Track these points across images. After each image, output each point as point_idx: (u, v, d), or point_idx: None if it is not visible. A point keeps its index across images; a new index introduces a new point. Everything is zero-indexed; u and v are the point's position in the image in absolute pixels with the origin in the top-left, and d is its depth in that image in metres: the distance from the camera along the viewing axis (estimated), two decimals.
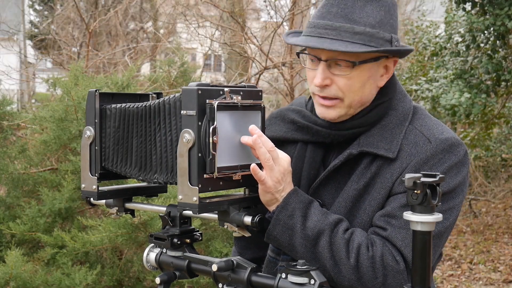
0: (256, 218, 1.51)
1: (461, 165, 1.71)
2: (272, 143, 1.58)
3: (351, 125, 1.75)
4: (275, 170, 1.58)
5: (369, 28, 1.67)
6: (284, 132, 1.82)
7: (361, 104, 1.74)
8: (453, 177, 1.69)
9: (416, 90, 8.36)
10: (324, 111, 1.74)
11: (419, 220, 1.29)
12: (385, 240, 1.64)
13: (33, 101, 10.43)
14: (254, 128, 1.55)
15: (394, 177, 1.69)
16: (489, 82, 7.50)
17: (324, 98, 1.72)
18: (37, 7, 19.05)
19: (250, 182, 1.60)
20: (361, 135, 1.75)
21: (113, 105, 1.69)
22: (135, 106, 1.64)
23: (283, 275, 1.45)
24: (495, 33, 6.94)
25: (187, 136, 1.46)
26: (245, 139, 1.55)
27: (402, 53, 1.78)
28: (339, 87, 1.70)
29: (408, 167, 1.68)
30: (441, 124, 1.78)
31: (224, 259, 1.53)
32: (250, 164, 1.56)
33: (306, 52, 1.74)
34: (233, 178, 1.55)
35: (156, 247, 1.69)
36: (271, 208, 1.65)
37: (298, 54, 1.77)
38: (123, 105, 1.67)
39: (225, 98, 1.50)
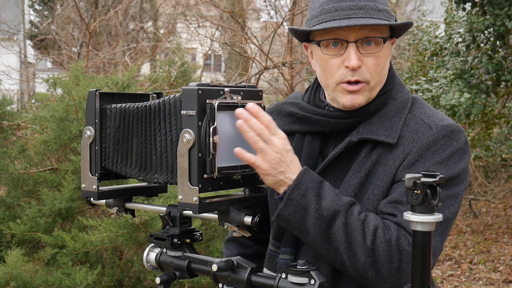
0: (256, 218, 1.51)
1: (463, 152, 1.71)
2: (265, 123, 1.53)
3: (351, 114, 1.75)
4: (269, 152, 1.53)
5: (385, 6, 1.73)
6: (281, 126, 1.78)
7: (381, 85, 1.76)
8: (456, 163, 1.69)
9: (416, 90, 8.35)
10: (353, 98, 1.72)
11: (419, 220, 1.29)
12: (397, 225, 1.62)
13: (33, 101, 10.43)
14: (241, 113, 1.50)
15: (397, 164, 1.68)
16: (489, 82, 7.50)
17: (354, 83, 1.71)
18: (37, 7, 19.06)
19: (250, 182, 1.60)
20: (360, 124, 1.75)
21: (113, 105, 1.69)
22: (135, 106, 1.64)
23: (283, 275, 1.45)
24: (495, 33, 6.94)
25: (187, 136, 1.46)
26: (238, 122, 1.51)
27: (404, 31, 1.81)
28: (368, 67, 1.71)
29: (411, 153, 1.68)
30: (440, 113, 1.79)
31: (224, 259, 1.53)
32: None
33: (327, 39, 1.71)
34: (233, 178, 1.55)
35: (156, 247, 1.69)
36: (280, 189, 1.60)
37: (318, 43, 1.74)
38: (123, 105, 1.67)
39: (225, 98, 1.50)
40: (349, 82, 1.72)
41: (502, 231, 8.14)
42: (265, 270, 1.84)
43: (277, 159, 1.55)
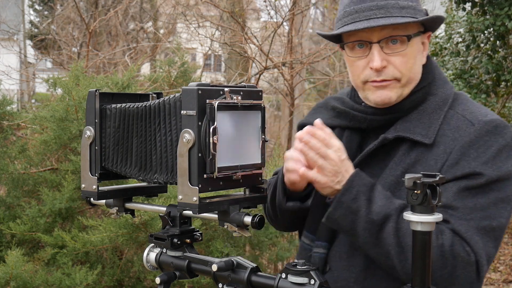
0: (256, 218, 1.51)
1: (510, 149, 1.63)
2: (322, 140, 1.58)
3: (387, 110, 1.72)
4: (326, 167, 1.58)
5: (410, 2, 1.68)
6: (325, 120, 1.79)
7: (414, 81, 1.71)
8: (503, 161, 1.61)
9: None
10: (382, 93, 1.70)
11: (419, 220, 1.29)
12: (452, 231, 1.57)
13: (33, 101, 10.43)
14: (301, 136, 1.57)
15: (439, 164, 1.63)
16: (489, 82, 7.50)
17: (381, 81, 1.69)
18: (37, 7, 19.06)
19: (250, 182, 1.60)
20: (398, 121, 1.71)
21: (113, 105, 1.69)
22: (135, 106, 1.64)
23: (283, 275, 1.45)
24: (495, 33, 6.94)
25: (187, 136, 1.46)
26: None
27: (437, 24, 1.75)
28: (396, 66, 1.67)
29: (453, 152, 1.62)
30: (485, 108, 1.72)
31: (224, 259, 1.53)
32: (250, 164, 1.56)
33: (352, 41, 1.70)
34: (233, 178, 1.55)
35: (156, 247, 1.69)
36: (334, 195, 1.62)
37: (342, 46, 1.74)
38: (123, 105, 1.67)
39: (225, 98, 1.50)
40: (375, 82, 1.70)
41: None
42: None
43: (333, 171, 1.59)
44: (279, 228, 1.99)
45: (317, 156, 1.57)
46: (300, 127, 1.89)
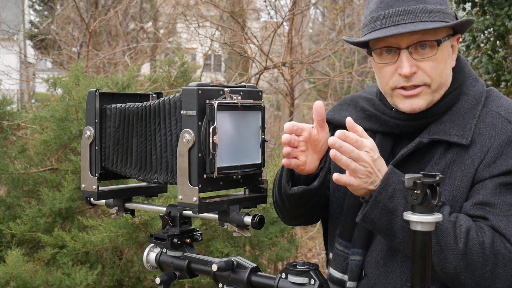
0: (256, 218, 1.51)
1: None
2: (354, 143, 1.52)
3: (421, 115, 1.69)
4: (359, 169, 1.53)
5: (438, 5, 1.64)
6: (354, 120, 1.75)
7: (445, 86, 1.68)
8: None
9: None
10: (412, 102, 1.66)
11: (419, 220, 1.29)
12: (492, 228, 1.54)
13: (33, 101, 10.43)
14: (333, 143, 1.50)
15: (476, 163, 1.60)
16: (489, 82, 7.49)
17: (410, 88, 1.65)
18: (37, 7, 19.06)
19: (250, 182, 1.60)
20: (431, 124, 1.68)
21: (113, 105, 1.69)
22: (135, 106, 1.64)
23: (283, 275, 1.45)
24: (495, 33, 6.95)
25: (187, 136, 1.46)
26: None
27: (465, 27, 1.72)
28: (426, 71, 1.64)
29: (490, 151, 1.60)
30: None
31: (224, 259, 1.53)
32: (250, 164, 1.56)
33: (380, 47, 1.67)
34: (233, 178, 1.55)
35: (156, 247, 1.70)
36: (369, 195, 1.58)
37: (370, 52, 1.71)
38: (123, 105, 1.67)
39: (225, 98, 1.50)
40: (404, 88, 1.66)
41: None
42: (331, 270, 1.81)
43: (367, 172, 1.54)
44: (289, 220, 1.92)
45: (350, 160, 1.52)
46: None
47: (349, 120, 1.56)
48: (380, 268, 1.70)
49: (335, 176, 1.53)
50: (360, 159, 1.52)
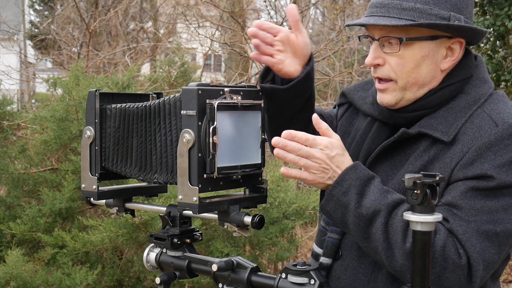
0: (256, 218, 1.52)
1: None
2: (303, 141, 1.54)
3: (412, 108, 1.69)
4: (312, 165, 1.55)
5: (420, 4, 1.62)
6: (361, 104, 1.82)
7: (419, 86, 1.67)
8: None
9: None
10: (381, 96, 1.70)
11: (419, 220, 1.29)
12: (448, 231, 1.53)
13: (33, 101, 10.43)
14: (276, 142, 1.53)
15: (453, 163, 1.58)
16: None
17: (379, 80, 1.69)
18: (37, 7, 19.08)
19: (250, 182, 1.61)
20: (424, 117, 1.68)
21: (113, 105, 1.69)
22: (135, 106, 1.65)
23: (283, 275, 1.45)
24: (495, 33, 6.95)
25: (187, 136, 1.46)
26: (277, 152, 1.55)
27: (461, 32, 1.65)
28: (391, 66, 1.66)
29: (469, 152, 1.56)
30: None
31: (224, 259, 1.53)
32: (250, 164, 1.56)
33: (365, 35, 1.72)
34: (233, 178, 1.55)
35: (156, 247, 1.70)
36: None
37: (359, 37, 1.76)
38: (123, 105, 1.68)
39: (225, 98, 1.50)
40: (377, 80, 1.71)
41: None
42: (314, 244, 1.85)
43: (321, 169, 1.56)
44: (270, 133, 1.88)
45: (298, 158, 1.54)
46: (342, 95, 1.95)
47: (314, 117, 1.60)
48: (354, 252, 1.72)
49: (282, 170, 1.57)
50: (311, 156, 1.55)
